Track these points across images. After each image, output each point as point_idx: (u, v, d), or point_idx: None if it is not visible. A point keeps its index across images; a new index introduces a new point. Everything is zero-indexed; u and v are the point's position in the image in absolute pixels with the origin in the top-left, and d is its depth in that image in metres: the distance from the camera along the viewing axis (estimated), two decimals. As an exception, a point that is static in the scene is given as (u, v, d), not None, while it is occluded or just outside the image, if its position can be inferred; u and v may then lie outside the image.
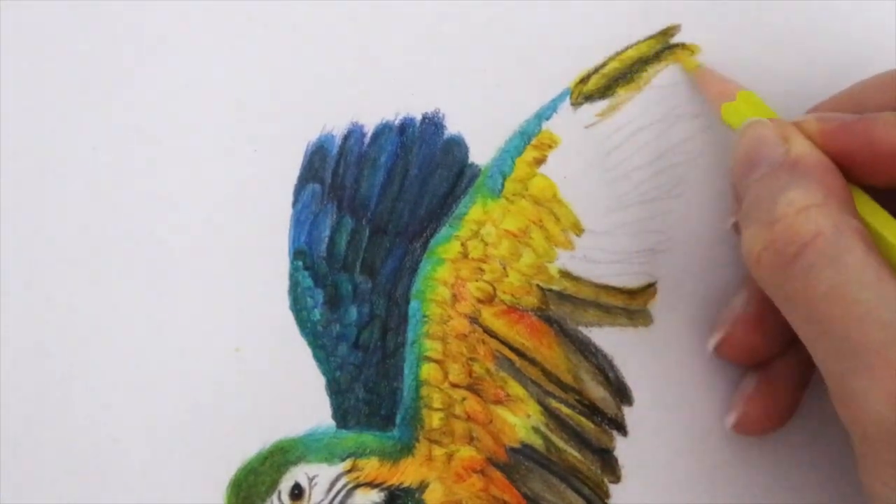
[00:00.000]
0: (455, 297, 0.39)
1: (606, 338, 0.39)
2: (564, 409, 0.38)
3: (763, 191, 0.33)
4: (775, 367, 0.37)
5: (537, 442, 0.38)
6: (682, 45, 0.41)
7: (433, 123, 0.40)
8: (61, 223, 0.39)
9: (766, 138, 0.34)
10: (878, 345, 0.29)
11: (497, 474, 0.38)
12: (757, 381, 0.37)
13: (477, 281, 0.39)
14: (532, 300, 0.39)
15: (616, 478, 0.38)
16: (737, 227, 0.37)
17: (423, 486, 0.38)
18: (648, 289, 0.39)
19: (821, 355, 0.31)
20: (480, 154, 0.40)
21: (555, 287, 0.39)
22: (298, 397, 0.38)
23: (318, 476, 0.37)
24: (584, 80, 0.40)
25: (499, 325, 0.39)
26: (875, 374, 0.29)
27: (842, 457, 0.38)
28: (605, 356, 0.39)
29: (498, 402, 0.38)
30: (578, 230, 0.39)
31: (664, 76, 0.40)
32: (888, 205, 0.34)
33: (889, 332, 0.29)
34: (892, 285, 0.30)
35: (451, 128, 0.40)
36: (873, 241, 0.32)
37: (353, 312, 0.39)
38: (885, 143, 0.33)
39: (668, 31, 0.41)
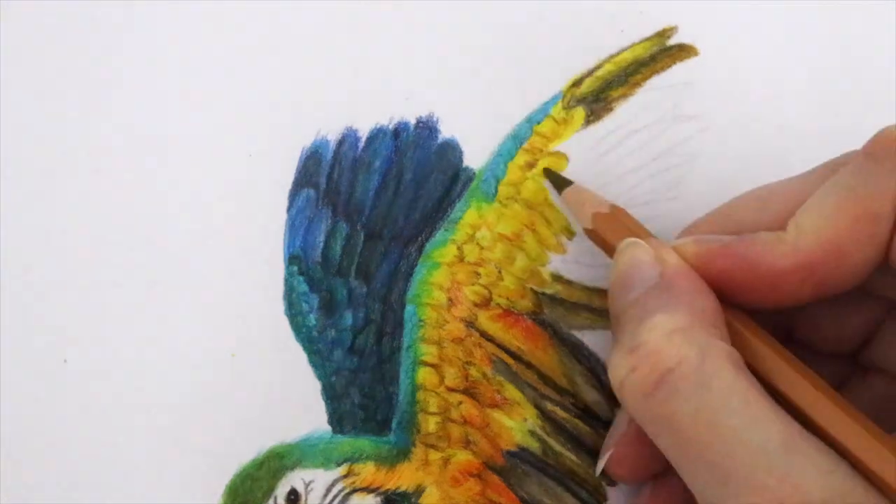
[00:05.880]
0: (451, 301, 0.39)
1: (598, 341, 0.39)
2: (561, 413, 0.38)
3: (633, 314, 0.32)
4: (664, 482, 0.36)
5: (534, 445, 0.38)
6: (680, 46, 0.40)
7: (427, 127, 0.40)
8: (57, 229, 0.39)
9: (641, 260, 0.33)
10: (744, 470, 0.29)
11: (494, 478, 0.38)
12: (650, 492, 0.36)
13: (473, 285, 0.39)
14: (526, 304, 0.39)
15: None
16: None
17: (419, 491, 0.38)
18: (640, 292, 0.39)
19: (690, 480, 0.30)
20: (475, 158, 0.40)
21: (547, 290, 0.39)
22: (294, 403, 0.38)
23: (314, 481, 0.37)
24: (577, 83, 0.40)
25: (495, 328, 0.39)
26: (742, 500, 0.29)
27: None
28: (597, 360, 0.38)
29: (494, 405, 0.38)
30: (570, 234, 0.39)
31: (660, 78, 0.40)
32: (772, 326, 0.34)
33: (757, 457, 0.29)
34: (761, 408, 0.29)
35: (446, 132, 0.40)
36: (743, 362, 0.31)
37: (349, 317, 0.39)
38: (763, 266, 0.32)
39: (664, 33, 0.40)
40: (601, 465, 0.36)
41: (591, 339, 0.39)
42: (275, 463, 0.38)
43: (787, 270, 0.32)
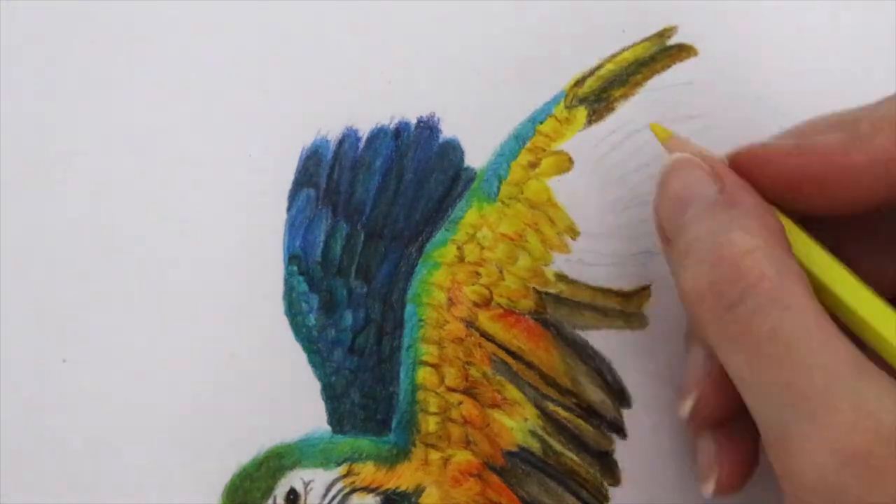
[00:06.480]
0: (451, 301, 0.39)
1: (603, 341, 0.38)
2: (562, 413, 0.38)
3: (701, 229, 0.32)
4: (735, 423, 0.35)
5: (535, 445, 0.38)
6: (680, 46, 0.40)
7: (428, 127, 0.40)
8: (57, 229, 0.39)
9: (696, 175, 0.33)
10: (819, 391, 0.28)
11: (494, 478, 0.38)
12: (718, 441, 0.35)
13: (473, 284, 0.39)
14: (529, 303, 0.39)
15: (615, 481, 0.38)
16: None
17: (419, 491, 0.38)
18: (643, 291, 0.39)
19: (759, 402, 0.30)
20: (476, 157, 0.40)
21: (551, 290, 0.39)
22: (294, 403, 0.38)
23: (313, 481, 0.37)
24: (578, 82, 0.40)
25: (495, 328, 0.39)
26: (817, 421, 0.28)
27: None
28: (602, 359, 0.38)
29: (495, 405, 0.38)
30: (574, 233, 0.39)
31: (661, 78, 0.40)
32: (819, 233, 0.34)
33: (831, 378, 0.28)
34: (833, 331, 0.29)
35: (447, 131, 0.40)
36: (810, 285, 0.31)
37: (349, 317, 0.39)
38: (838, 160, 0.32)
39: (664, 33, 0.40)
40: (688, 406, 0.35)
41: (596, 338, 0.38)
42: (274, 463, 0.37)
43: (862, 165, 0.32)
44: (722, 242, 0.31)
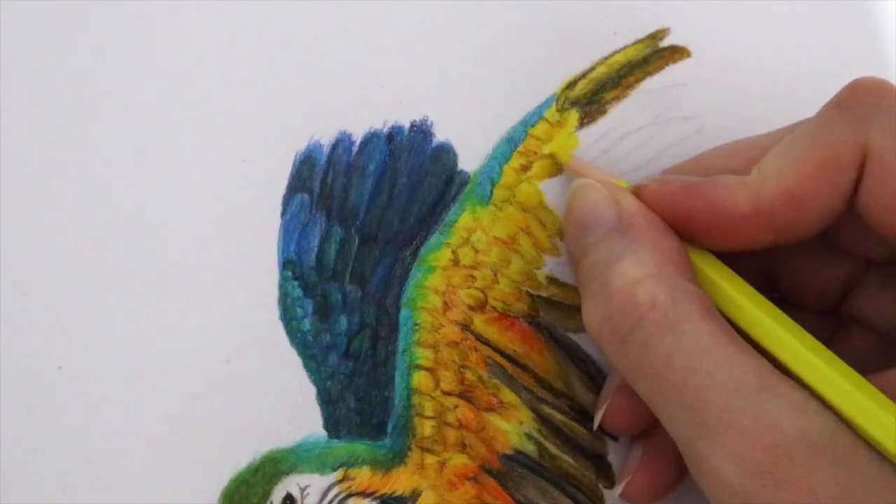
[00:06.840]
0: (446, 305, 0.39)
1: (592, 343, 0.38)
2: (557, 415, 0.38)
3: (597, 259, 0.33)
4: (657, 436, 0.36)
5: (530, 448, 0.38)
6: (673, 48, 0.40)
7: (421, 131, 0.40)
8: (51, 235, 0.39)
9: (596, 201, 0.34)
10: (719, 409, 0.29)
11: (490, 481, 0.38)
12: (642, 452, 0.36)
13: (468, 288, 0.39)
14: (522, 307, 0.39)
15: (611, 483, 0.38)
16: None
17: (415, 495, 0.38)
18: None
19: (668, 423, 0.31)
20: (469, 161, 0.40)
21: (543, 293, 0.39)
22: (289, 407, 0.38)
23: (309, 486, 0.37)
24: (570, 85, 0.40)
25: (490, 331, 0.39)
26: (718, 439, 0.29)
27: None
28: (593, 362, 0.38)
29: (490, 409, 0.38)
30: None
31: (653, 80, 0.40)
32: (754, 280, 0.34)
33: (730, 396, 0.29)
34: (732, 348, 0.30)
35: (440, 135, 0.40)
36: (713, 304, 0.31)
37: (343, 322, 0.39)
38: (723, 208, 0.32)
39: (656, 35, 0.40)
40: (598, 417, 0.36)
41: (587, 341, 0.38)
42: (270, 468, 0.37)
43: (746, 214, 0.32)
44: (613, 273, 0.32)
